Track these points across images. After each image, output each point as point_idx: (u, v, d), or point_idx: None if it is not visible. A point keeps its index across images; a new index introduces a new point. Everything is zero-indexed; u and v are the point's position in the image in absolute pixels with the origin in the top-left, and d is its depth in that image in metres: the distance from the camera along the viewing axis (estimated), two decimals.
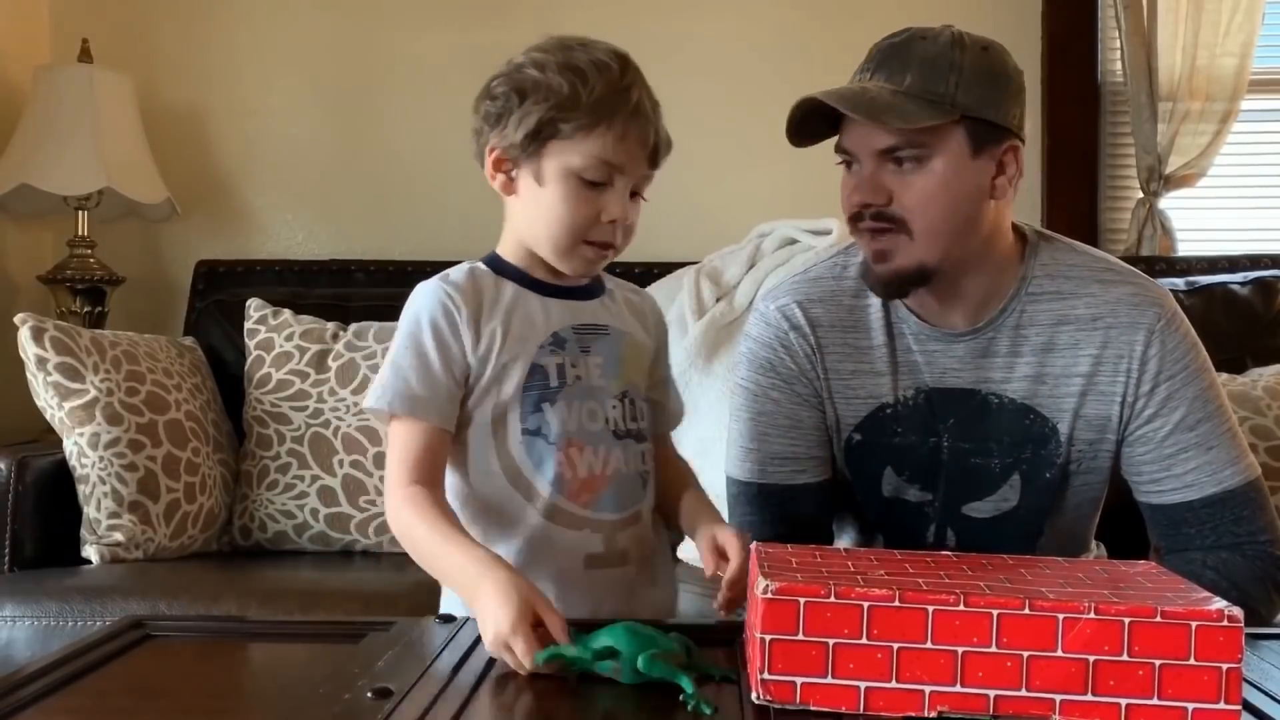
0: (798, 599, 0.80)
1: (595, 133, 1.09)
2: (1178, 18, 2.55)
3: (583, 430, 1.14)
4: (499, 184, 1.16)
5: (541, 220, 1.13)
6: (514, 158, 1.13)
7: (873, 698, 0.80)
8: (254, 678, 1.04)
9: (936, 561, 0.92)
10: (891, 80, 1.21)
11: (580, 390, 1.14)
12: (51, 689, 0.88)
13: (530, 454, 1.12)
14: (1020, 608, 0.79)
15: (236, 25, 2.74)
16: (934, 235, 1.22)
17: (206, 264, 2.56)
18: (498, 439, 1.12)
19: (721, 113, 2.65)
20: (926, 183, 1.21)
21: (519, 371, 1.12)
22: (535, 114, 1.10)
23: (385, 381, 1.11)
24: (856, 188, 1.23)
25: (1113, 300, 1.29)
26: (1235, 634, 0.78)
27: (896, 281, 1.25)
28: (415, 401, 1.09)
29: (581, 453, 1.13)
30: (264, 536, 2.15)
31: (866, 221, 1.24)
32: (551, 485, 1.12)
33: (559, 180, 1.11)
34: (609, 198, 1.11)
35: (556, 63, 1.11)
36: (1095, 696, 0.78)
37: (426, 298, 1.14)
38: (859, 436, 1.34)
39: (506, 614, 0.92)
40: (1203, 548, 1.27)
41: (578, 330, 1.16)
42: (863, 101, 1.20)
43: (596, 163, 1.10)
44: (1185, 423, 1.27)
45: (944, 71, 1.20)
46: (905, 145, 1.20)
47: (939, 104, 1.19)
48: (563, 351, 1.14)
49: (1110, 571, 0.91)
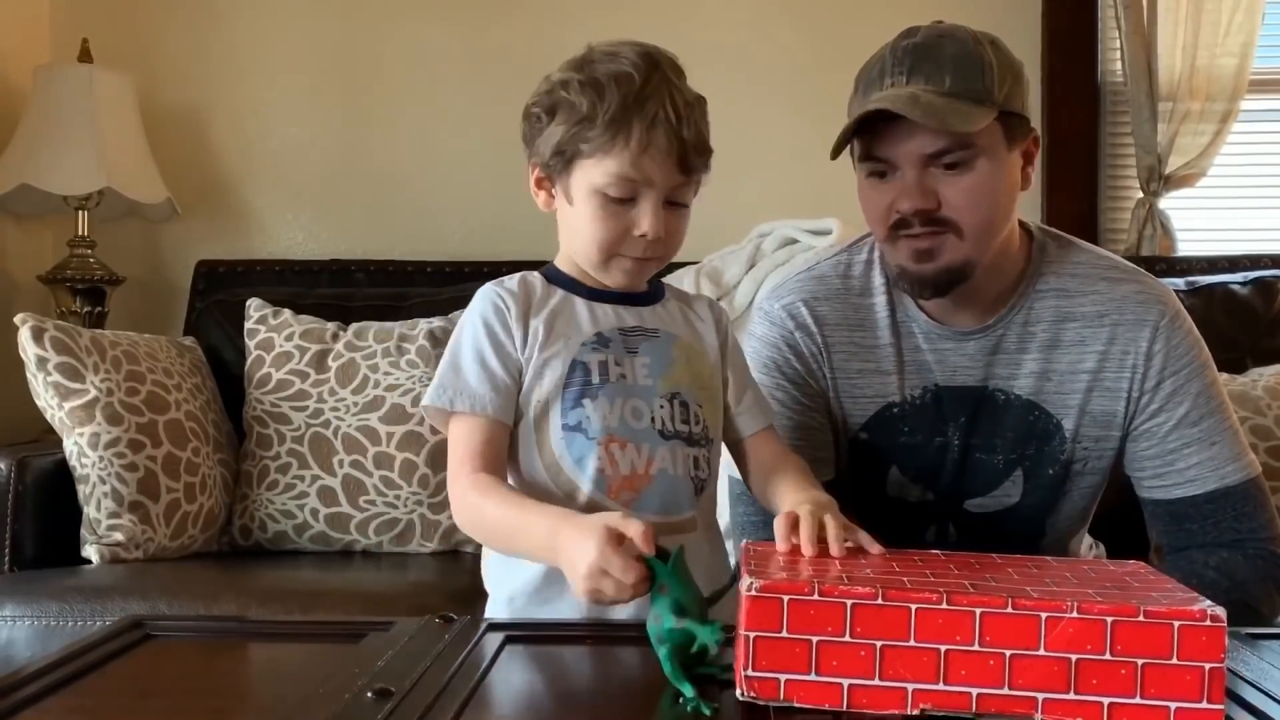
0: (781, 596, 0.81)
1: (614, 150, 1.09)
2: (1178, 18, 2.55)
3: (625, 427, 1.13)
4: (541, 202, 1.18)
5: (576, 237, 1.15)
6: (549, 177, 1.15)
7: (856, 695, 0.81)
8: (254, 678, 1.03)
9: (924, 560, 0.92)
10: (931, 82, 1.19)
11: (624, 388, 1.14)
12: (51, 689, 0.88)
13: (570, 449, 1.12)
14: (1003, 606, 0.79)
15: (237, 25, 2.74)
16: (983, 233, 1.22)
17: (206, 264, 2.56)
18: (540, 435, 1.13)
19: (721, 113, 2.63)
20: (975, 182, 1.20)
21: (560, 367, 1.13)
22: (558, 135, 1.11)
23: (444, 380, 1.12)
24: (904, 194, 1.21)
25: (1118, 298, 1.29)
26: (1218, 634, 0.78)
27: (946, 279, 1.23)
28: (474, 397, 1.11)
29: (624, 449, 1.12)
30: (264, 536, 2.15)
31: (915, 229, 1.21)
32: (592, 481, 1.11)
33: (586, 199, 1.12)
34: (639, 212, 1.11)
35: (579, 80, 1.12)
36: (1078, 695, 0.79)
37: (480, 300, 1.16)
38: (865, 435, 1.34)
39: (595, 542, 0.91)
40: (1204, 545, 1.28)
41: (624, 332, 1.16)
42: (927, 109, 1.17)
43: (619, 180, 1.10)
44: (1189, 418, 1.28)
45: (978, 69, 1.19)
46: (955, 147, 1.19)
47: (983, 102, 1.19)
48: (606, 350, 1.14)
49: (1099, 571, 0.91)
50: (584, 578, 0.91)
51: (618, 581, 0.90)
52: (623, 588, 0.90)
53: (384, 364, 2.19)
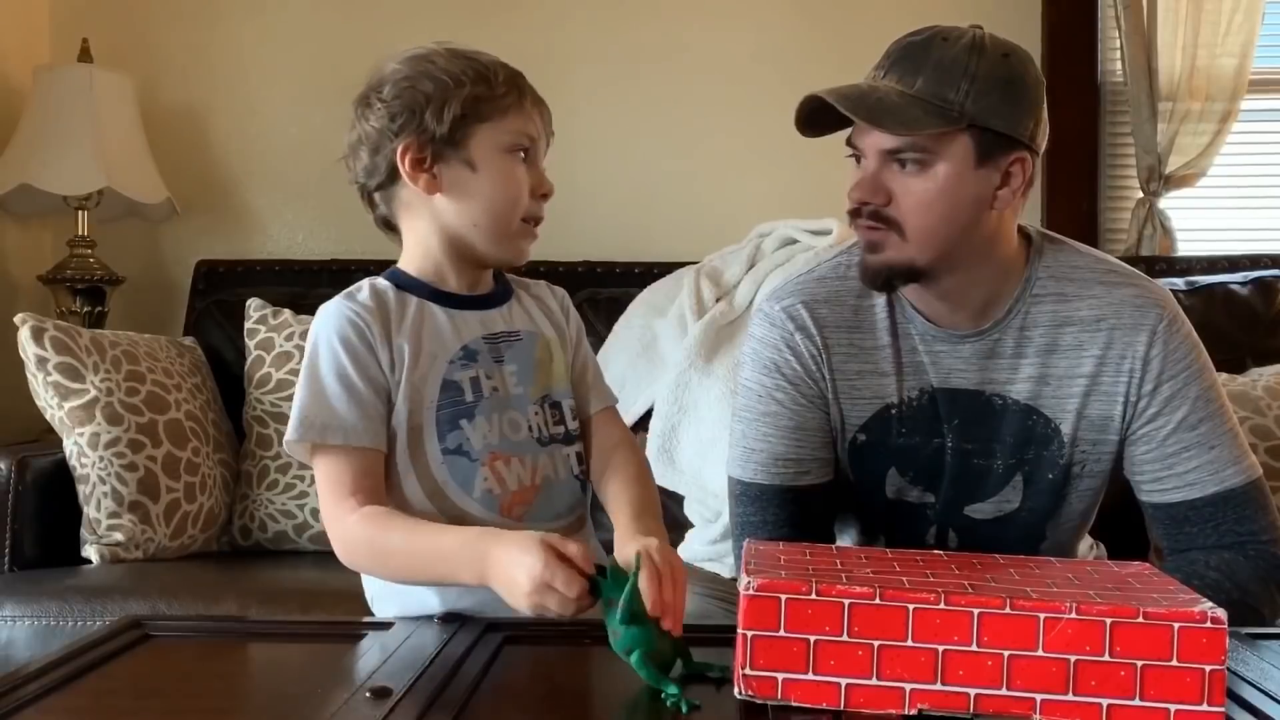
0: (779, 595, 0.81)
1: (513, 109, 1.12)
2: (1178, 18, 2.55)
3: (506, 442, 1.12)
4: (422, 184, 1.12)
5: (481, 205, 1.12)
6: (435, 153, 1.11)
7: (854, 694, 0.81)
8: (253, 678, 1.03)
9: (925, 561, 0.92)
10: (902, 81, 1.20)
11: (498, 401, 1.12)
12: (51, 689, 0.88)
13: (454, 474, 1.09)
14: (1001, 607, 0.79)
15: (237, 25, 2.74)
16: (927, 239, 1.22)
17: (206, 264, 2.56)
18: (417, 462, 1.09)
19: (722, 113, 2.65)
20: (926, 187, 1.21)
21: (431, 389, 1.09)
22: (457, 100, 1.10)
23: (308, 414, 1.06)
24: (858, 184, 1.24)
25: (1116, 302, 1.29)
26: (1219, 635, 0.78)
27: (885, 274, 1.26)
28: (347, 428, 1.05)
29: (509, 465, 1.11)
30: (264, 536, 2.15)
31: (864, 219, 1.24)
32: (480, 503, 1.10)
33: (492, 160, 1.12)
34: (535, 171, 1.14)
35: (445, 61, 1.13)
36: (1076, 696, 0.79)
37: (334, 319, 1.09)
38: (864, 437, 1.34)
39: (536, 557, 0.90)
40: (1205, 547, 1.28)
41: (489, 340, 1.14)
42: (866, 103, 1.20)
43: (522, 135, 1.13)
44: (1187, 422, 1.28)
45: (956, 78, 1.19)
46: (909, 149, 1.20)
47: (946, 111, 1.18)
48: (475, 364, 1.12)
49: (1101, 572, 0.91)
50: (529, 593, 0.90)
51: (562, 596, 0.89)
52: (567, 602, 0.89)
53: None
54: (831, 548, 0.98)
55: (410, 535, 1.02)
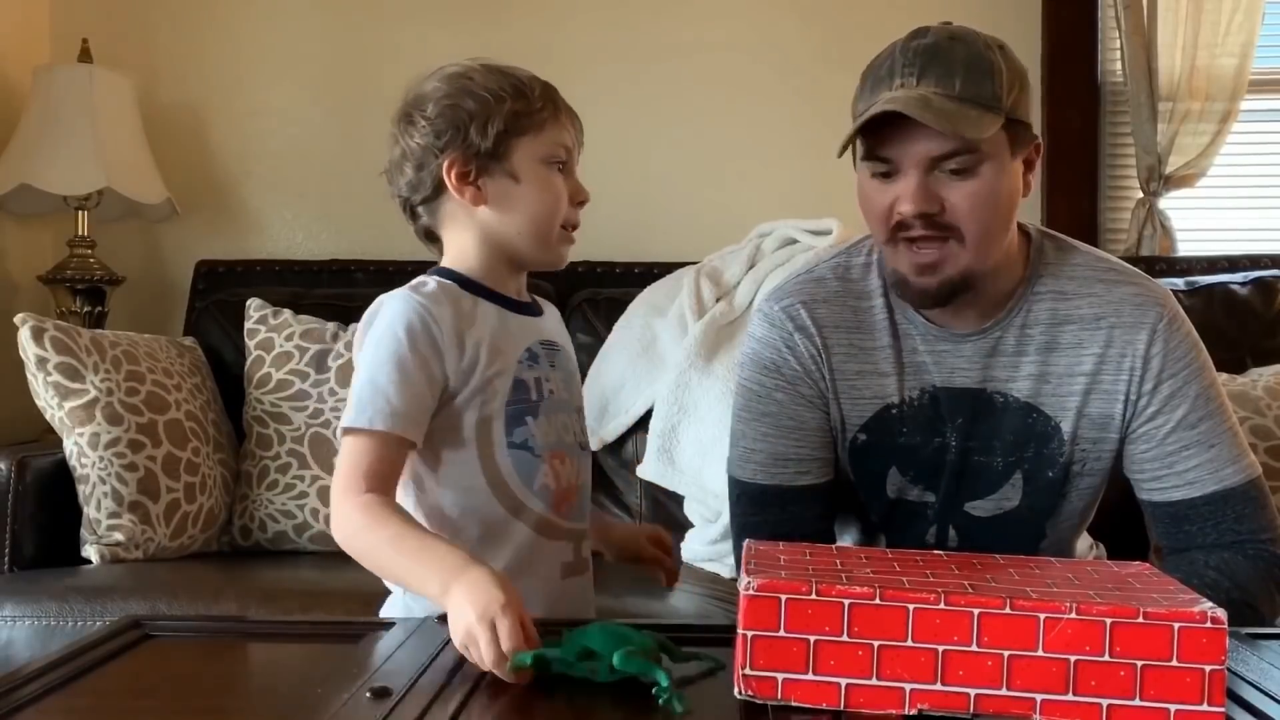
0: (779, 595, 0.81)
1: (550, 121, 1.17)
2: (1178, 18, 2.55)
3: (560, 442, 1.18)
4: (468, 197, 1.16)
5: (525, 214, 1.17)
6: (480, 167, 1.16)
7: (854, 695, 0.81)
8: (253, 678, 1.03)
9: (926, 561, 0.92)
10: (942, 85, 1.18)
11: (554, 404, 1.18)
12: (51, 689, 0.88)
13: (519, 468, 1.14)
14: (1001, 607, 0.79)
15: (236, 25, 2.74)
16: (985, 241, 1.21)
17: (206, 264, 2.56)
18: (483, 454, 1.13)
19: (722, 113, 2.65)
20: (979, 188, 1.19)
21: (504, 385, 1.14)
22: (499, 116, 1.15)
23: (364, 399, 1.08)
24: (907, 197, 1.19)
25: (1116, 300, 1.29)
26: (1219, 636, 0.78)
27: (948, 291, 1.23)
28: (394, 415, 1.07)
29: (563, 464, 1.17)
30: (264, 536, 2.15)
31: (916, 230, 1.20)
32: (539, 497, 1.14)
33: (533, 171, 1.16)
34: (571, 180, 1.19)
35: (483, 77, 1.17)
36: (1076, 696, 0.79)
37: (402, 311, 1.12)
38: (864, 437, 1.34)
39: (498, 595, 0.90)
40: (1204, 546, 1.28)
41: (543, 345, 1.20)
42: (939, 113, 1.16)
43: (560, 147, 1.17)
44: (1187, 420, 1.28)
45: (988, 74, 1.19)
46: (962, 151, 1.18)
47: (992, 108, 1.18)
48: (537, 366, 1.17)
49: (1101, 572, 0.91)
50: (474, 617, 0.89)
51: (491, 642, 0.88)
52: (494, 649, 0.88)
53: None
54: (831, 548, 0.98)
55: (403, 532, 1.02)
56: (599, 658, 0.87)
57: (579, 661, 0.88)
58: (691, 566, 2.06)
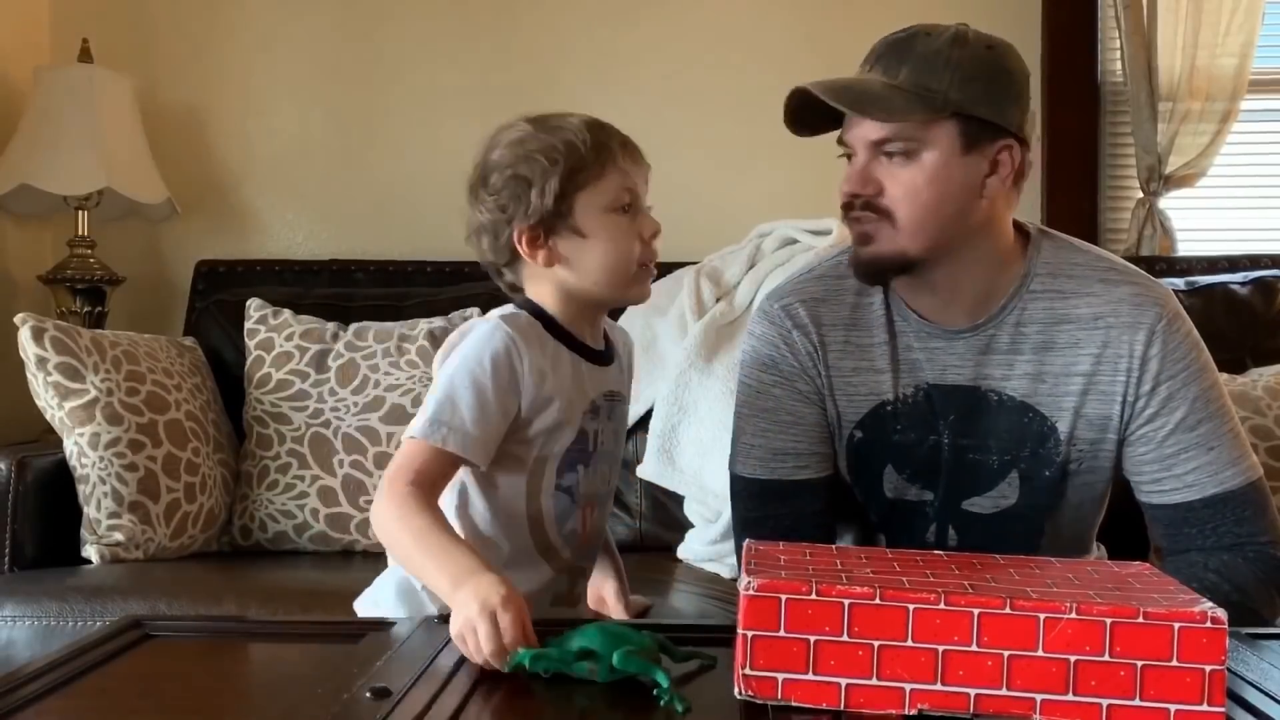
0: (779, 595, 0.81)
1: (608, 169, 1.18)
2: (1178, 18, 2.55)
3: (594, 492, 1.22)
4: (541, 260, 1.19)
5: (599, 266, 1.18)
6: (549, 228, 1.18)
7: (854, 695, 0.81)
8: (254, 678, 1.04)
9: (926, 561, 0.92)
10: (887, 73, 1.23)
11: (602, 455, 1.22)
12: (51, 689, 0.88)
13: (557, 508, 1.19)
14: (1001, 607, 0.79)
15: (237, 25, 2.74)
16: (918, 227, 1.23)
17: (206, 264, 2.56)
18: (531, 489, 1.17)
19: (722, 113, 2.65)
20: (914, 176, 1.22)
21: (569, 433, 1.18)
22: (554, 178, 1.16)
23: (441, 416, 1.12)
24: (848, 178, 1.26)
25: (1114, 300, 1.29)
26: (1219, 636, 0.78)
27: (877, 266, 1.27)
28: (466, 439, 1.11)
29: (593, 512, 1.23)
30: (264, 536, 2.15)
31: (855, 211, 1.26)
32: (565, 539, 1.20)
33: (600, 222, 1.18)
34: (641, 218, 1.20)
35: (537, 135, 1.19)
36: (1076, 696, 0.79)
37: (490, 338, 1.15)
38: (860, 434, 1.34)
39: (504, 591, 0.94)
40: (1203, 548, 1.27)
41: (606, 397, 1.23)
42: (852, 93, 1.22)
43: (621, 191, 1.18)
44: (1186, 423, 1.27)
45: (939, 68, 1.21)
46: (895, 138, 1.22)
47: (929, 99, 1.21)
48: (597, 419, 1.21)
49: (1102, 572, 0.91)
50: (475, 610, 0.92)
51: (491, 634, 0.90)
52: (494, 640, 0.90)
53: (384, 364, 2.19)
54: (831, 548, 0.98)
55: (430, 527, 1.05)
56: (598, 657, 0.87)
57: (578, 661, 0.88)
58: (691, 566, 2.06)
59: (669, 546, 2.14)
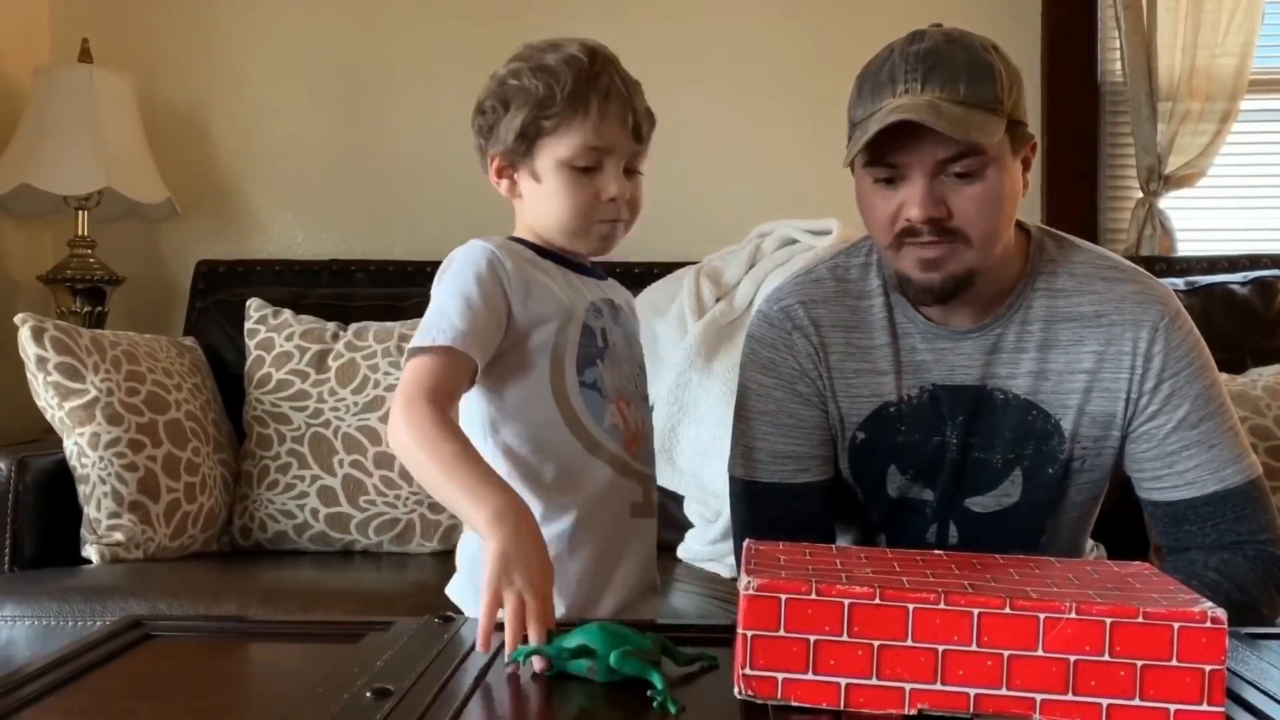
0: (779, 595, 0.81)
1: (575, 122, 1.18)
2: (1177, 18, 2.55)
3: (624, 389, 1.23)
4: (504, 189, 1.23)
5: (550, 212, 1.20)
6: (512, 162, 1.21)
7: (853, 694, 0.81)
8: (254, 678, 1.04)
9: (926, 560, 0.92)
10: (946, 90, 1.18)
11: (617, 354, 1.23)
12: (51, 689, 0.88)
13: (589, 405, 1.19)
14: (1001, 607, 0.79)
15: (237, 25, 2.74)
16: (989, 241, 1.22)
17: (206, 264, 2.56)
18: (557, 390, 1.18)
19: (722, 113, 2.65)
20: (984, 191, 1.20)
21: (575, 329, 1.19)
22: (520, 117, 1.18)
23: (430, 323, 1.13)
24: (914, 203, 1.19)
25: (1117, 298, 1.29)
26: (1219, 635, 0.78)
27: (952, 287, 1.23)
28: (457, 334, 1.12)
29: (629, 407, 1.22)
30: (264, 536, 2.15)
31: (923, 237, 1.21)
32: (609, 434, 1.19)
33: (554, 173, 1.19)
34: (604, 178, 1.19)
35: (530, 68, 1.20)
36: (1076, 696, 0.79)
37: (473, 251, 1.18)
38: (863, 435, 1.34)
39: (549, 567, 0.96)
40: (1204, 546, 1.28)
41: (606, 303, 1.25)
42: (950, 119, 1.16)
43: (583, 150, 1.18)
44: (1188, 420, 1.28)
45: (989, 77, 1.19)
46: (968, 154, 1.18)
47: (995, 111, 1.19)
48: (602, 318, 1.23)
49: (1102, 572, 0.91)
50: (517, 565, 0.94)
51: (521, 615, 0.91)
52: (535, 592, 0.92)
53: (384, 364, 2.19)
54: (831, 548, 0.98)
55: (463, 451, 1.05)
56: (597, 657, 0.87)
57: (573, 659, 0.88)
58: (691, 566, 2.06)
59: (669, 546, 2.14)
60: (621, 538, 1.21)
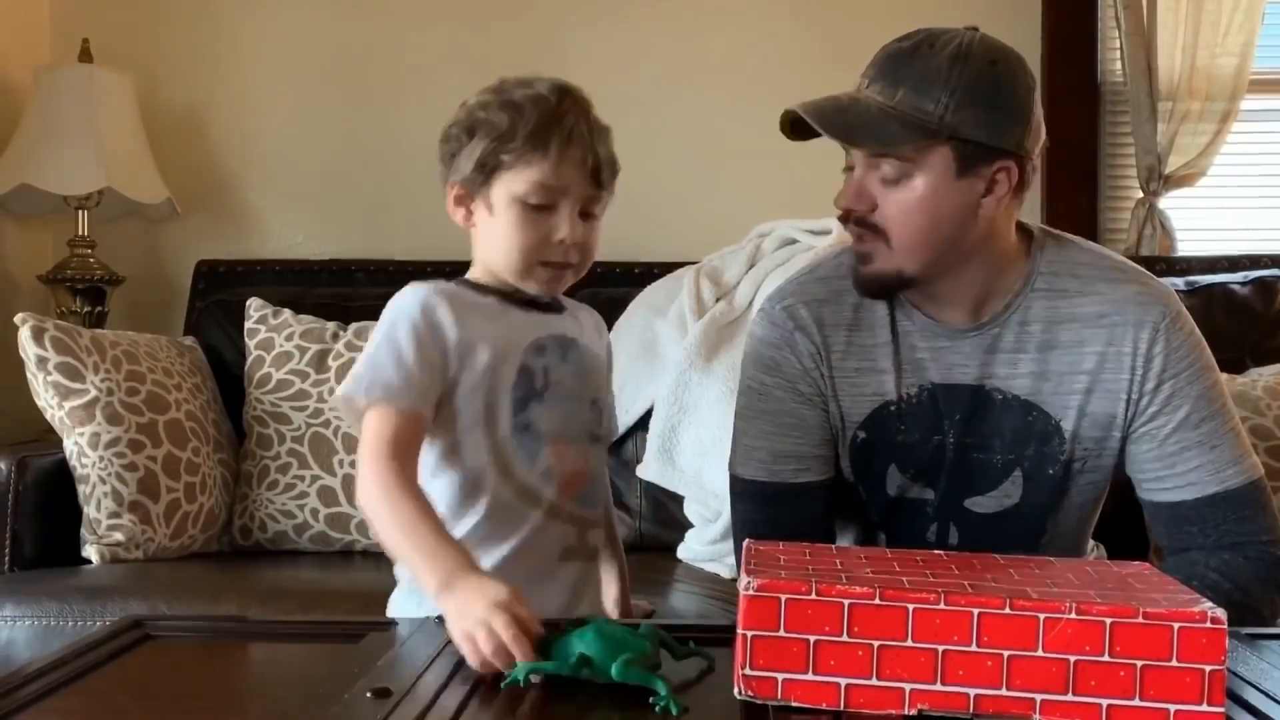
0: (779, 595, 0.81)
1: (534, 159, 1.17)
2: (1177, 18, 2.55)
3: (564, 431, 1.20)
4: (459, 218, 1.23)
5: (498, 246, 1.20)
6: (469, 192, 1.21)
7: (853, 695, 0.81)
8: (254, 678, 1.04)
9: (926, 561, 0.92)
10: (884, 93, 1.21)
11: (561, 394, 1.21)
12: (51, 689, 0.88)
13: (522, 448, 1.17)
14: (1001, 607, 0.79)
15: (237, 25, 2.74)
16: (912, 248, 1.24)
17: (206, 264, 2.56)
18: (489, 436, 1.17)
19: (721, 113, 2.65)
20: (906, 198, 1.22)
21: (509, 371, 1.18)
22: (480, 148, 1.18)
23: (358, 373, 1.14)
24: (844, 192, 1.26)
25: (1119, 298, 1.29)
26: (1219, 635, 0.78)
27: (877, 284, 1.28)
28: (390, 389, 1.12)
29: (569, 448, 1.20)
30: (264, 536, 2.15)
31: (851, 225, 1.27)
32: (542, 478, 1.18)
33: (506, 207, 1.18)
34: (556, 220, 1.18)
35: (498, 101, 1.20)
36: (1076, 697, 0.79)
37: (406, 299, 1.18)
38: (864, 434, 1.34)
39: (505, 591, 0.94)
40: (1204, 547, 1.27)
41: (555, 338, 1.23)
42: (844, 118, 1.22)
43: (537, 188, 1.17)
44: (1189, 421, 1.27)
45: (937, 91, 1.19)
46: (887, 160, 1.21)
47: (924, 125, 1.19)
48: (544, 356, 1.20)
49: (1101, 572, 0.91)
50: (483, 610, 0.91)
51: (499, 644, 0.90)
52: (499, 650, 0.90)
53: None
54: (831, 548, 0.98)
55: (421, 515, 1.06)
56: (596, 665, 0.87)
57: (575, 670, 0.88)
58: (690, 566, 2.07)
59: (669, 546, 2.14)
60: (545, 584, 1.17)
